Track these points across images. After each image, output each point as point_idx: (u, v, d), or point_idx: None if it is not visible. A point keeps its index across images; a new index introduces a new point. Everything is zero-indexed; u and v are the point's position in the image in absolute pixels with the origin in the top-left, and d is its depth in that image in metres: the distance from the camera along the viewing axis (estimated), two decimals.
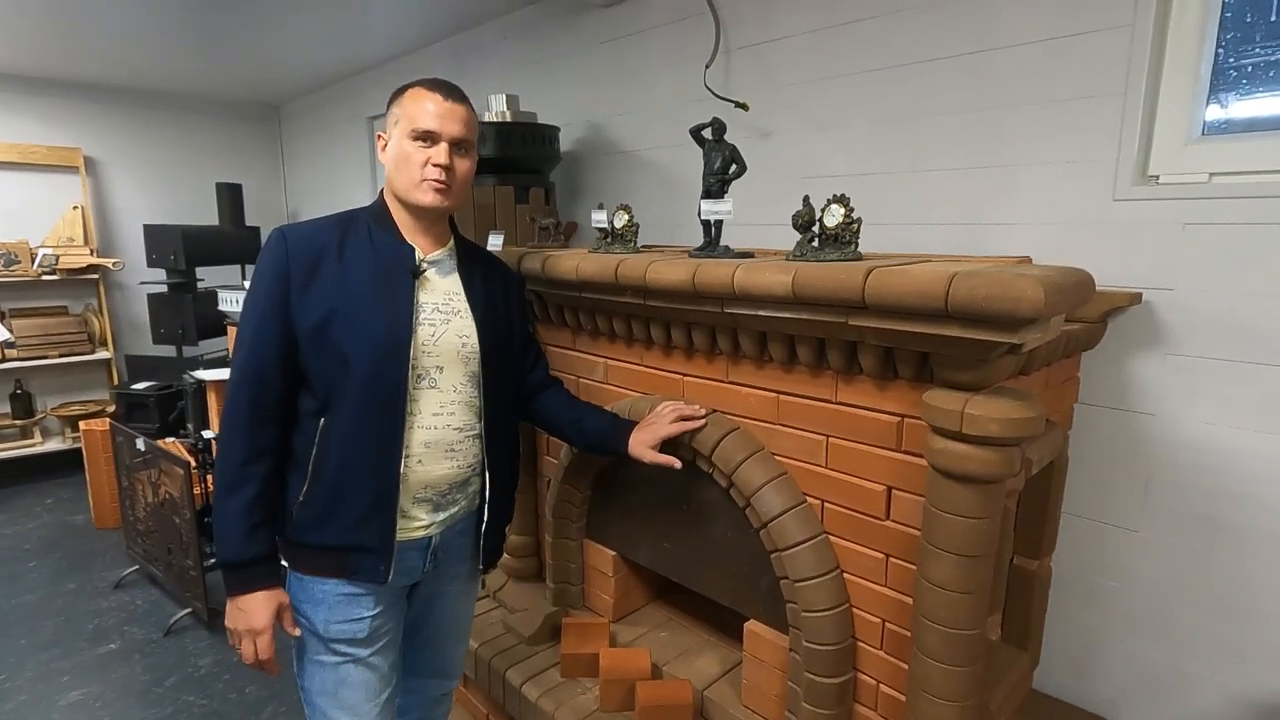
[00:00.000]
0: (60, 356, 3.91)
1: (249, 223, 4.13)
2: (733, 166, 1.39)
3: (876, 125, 1.76)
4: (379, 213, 1.21)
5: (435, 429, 1.20)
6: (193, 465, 2.48)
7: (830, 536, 1.29)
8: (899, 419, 1.16)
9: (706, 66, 2.04)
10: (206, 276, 3.87)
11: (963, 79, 1.60)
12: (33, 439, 3.99)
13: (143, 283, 3.87)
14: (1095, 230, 1.44)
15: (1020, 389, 1.05)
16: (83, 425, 3.36)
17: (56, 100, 4.03)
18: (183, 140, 4.50)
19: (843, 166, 1.84)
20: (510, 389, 1.36)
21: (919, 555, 1.12)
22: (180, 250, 3.57)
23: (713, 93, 2.01)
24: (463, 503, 1.28)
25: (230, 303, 3.01)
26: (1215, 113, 1.37)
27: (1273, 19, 1.30)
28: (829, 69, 1.83)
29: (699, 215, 1.43)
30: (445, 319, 1.21)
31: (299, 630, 1.21)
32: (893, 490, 1.19)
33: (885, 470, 1.19)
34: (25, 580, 2.88)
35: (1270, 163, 1.29)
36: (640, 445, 1.36)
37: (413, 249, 1.20)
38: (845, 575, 1.28)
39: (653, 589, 1.93)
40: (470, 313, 1.23)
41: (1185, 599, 1.42)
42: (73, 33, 3.02)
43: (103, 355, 4.07)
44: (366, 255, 1.16)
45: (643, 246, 1.77)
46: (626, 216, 1.59)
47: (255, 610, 1.15)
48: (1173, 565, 1.42)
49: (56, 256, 3.87)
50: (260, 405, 1.13)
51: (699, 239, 1.49)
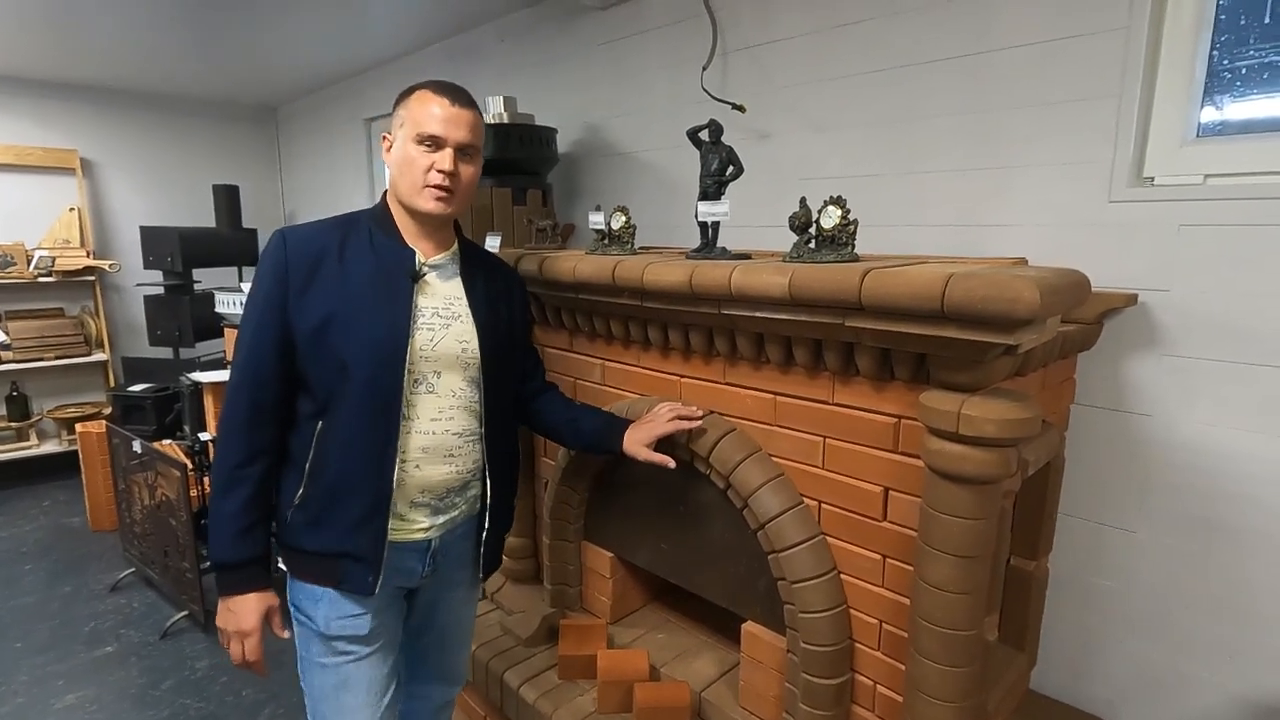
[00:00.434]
0: (56, 359, 3.90)
1: (246, 225, 4.12)
2: (730, 168, 1.39)
3: (874, 127, 1.77)
4: (380, 215, 1.20)
5: (433, 434, 1.19)
6: (189, 467, 2.48)
7: (827, 537, 1.29)
8: (896, 420, 1.16)
9: (703, 68, 2.05)
10: (203, 278, 3.86)
11: (959, 81, 1.60)
12: (29, 441, 3.98)
13: (139, 285, 3.87)
14: (1091, 232, 1.45)
15: (1017, 390, 1.06)
16: (79, 428, 3.35)
17: (53, 102, 4.02)
18: (179, 142, 4.50)
19: (840, 168, 1.84)
20: (510, 393, 1.35)
21: (916, 556, 1.12)
22: (177, 252, 3.56)
23: (710, 94, 2.02)
24: (463, 507, 1.27)
25: (227, 305, 3.01)
26: (1210, 115, 1.37)
27: (1267, 21, 1.30)
28: (826, 71, 1.84)
29: (696, 217, 1.43)
30: (445, 323, 1.20)
31: (288, 633, 1.21)
32: (890, 491, 1.19)
33: (882, 471, 1.20)
34: (21, 583, 2.87)
35: (1265, 164, 1.30)
36: (635, 444, 1.35)
37: (413, 252, 1.18)
38: (843, 576, 1.28)
39: (650, 591, 1.92)
40: (471, 317, 1.22)
41: (1183, 600, 1.42)
42: (69, 34, 3.02)
43: (99, 357, 4.06)
44: (367, 258, 1.15)
45: (640, 248, 1.77)
46: (624, 218, 1.59)
47: (245, 612, 1.15)
48: (1170, 566, 1.43)
49: (53, 258, 3.86)
50: (258, 407, 1.13)
51: (696, 241, 1.49)
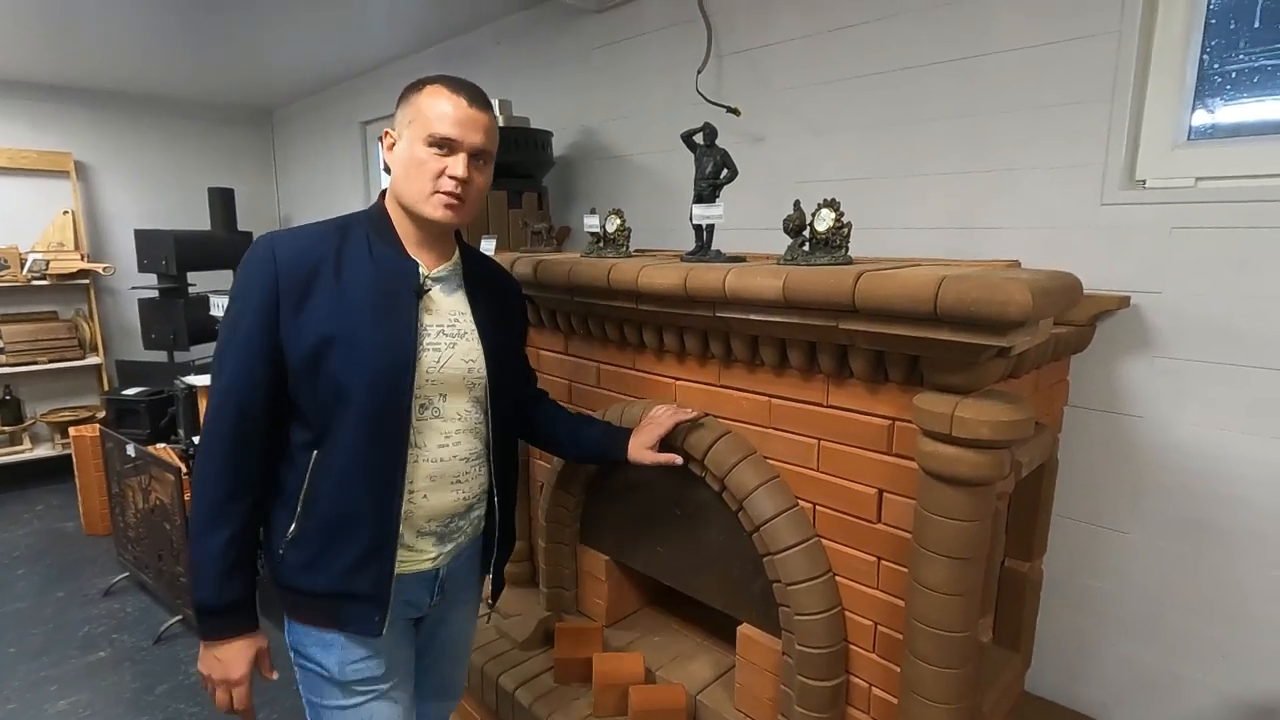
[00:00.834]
0: (50, 362, 3.88)
1: (241, 228, 4.11)
2: (724, 171, 1.40)
3: (869, 130, 1.77)
4: (379, 221, 1.10)
5: (440, 460, 1.11)
6: (184, 471, 2.47)
7: (822, 540, 1.29)
8: (890, 422, 1.16)
9: (698, 72, 2.05)
10: (198, 281, 3.85)
11: (954, 85, 1.61)
12: (22, 445, 3.96)
13: (134, 288, 3.85)
14: (1084, 234, 1.46)
15: (1010, 392, 1.06)
16: (73, 431, 3.34)
17: (47, 104, 4.01)
18: (174, 145, 4.49)
19: (836, 171, 1.85)
20: (513, 410, 1.28)
21: (910, 558, 1.12)
22: (172, 255, 3.55)
23: (705, 98, 2.02)
24: (467, 530, 1.21)
25: (222, 308, 3.00)
26: (1201, 118, 1.38)
27: (1256, 26, 1.31)
28: (821, 74, 1.84)
29: (691, 220, 1.44)
30: (451, 342, 1.11)
31: (276, 674, 1.11)
32: (884, 493, 1.20)
33: (877, 473, 1.20)
34: (14, 588, 2.86)
35: (1256, 167, 1.30)
36: (639, 449, 1.34)
37: (416, 265, 1.09)
38: (837, 578, 1.28)
39: (646, 594, 1.92)
40: (477, 334, 1.14)
41: (1175, 601, 1.43)
42: (63, 36, 3.01)
43: (93, 361, 4.04)
44: (365, 271, 1.05)
45: (636, 251, 1.78)
46: (619, 221, 1.60)
47: (232, 659, 1.05)
48: (1163, 568, 1.43)
49: (47, 262, 3.85)
50: (244, 439, 1.02)
51: (692, 243, 1.50)
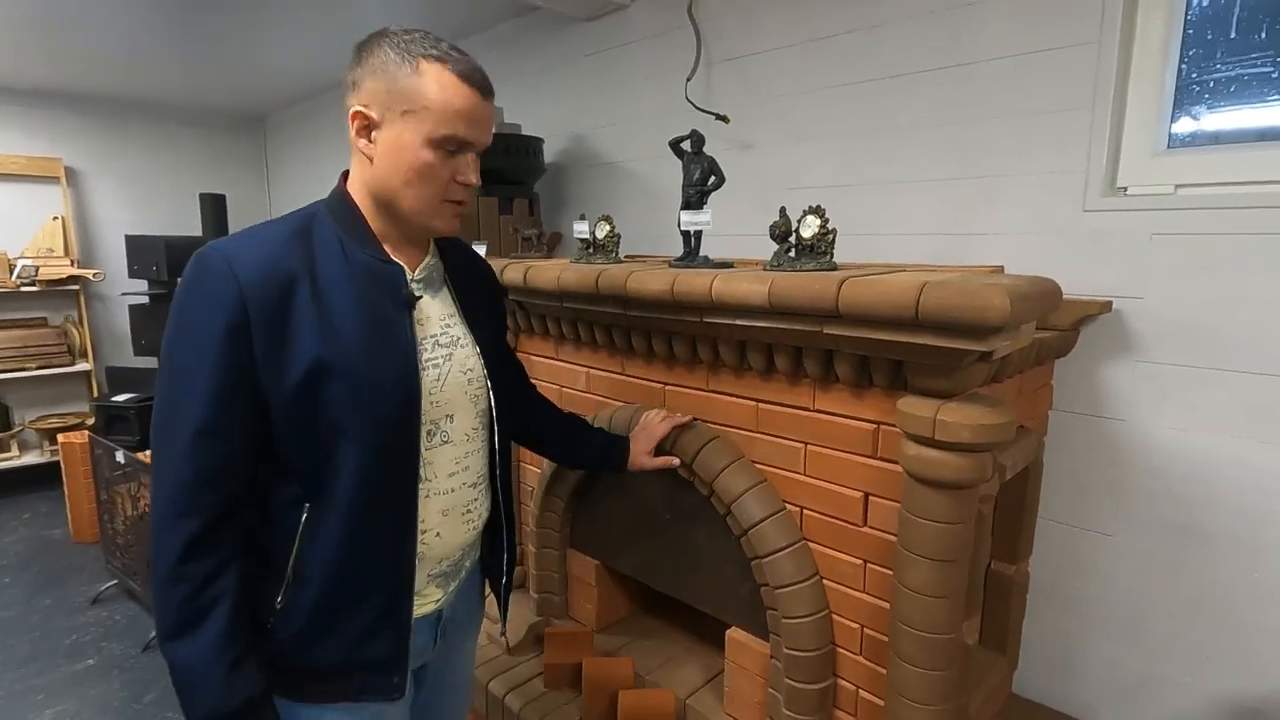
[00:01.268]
0: (39, 368, 3.86)
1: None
2: (711, 178, 1.41)
3: (856, 137, 1.79)
4: (349, 219, 0.91)
5: (452, 491, 0.98)
6: None
7: (809, 543, 1.30)
8: (875, 426, 1.18)
9: (688, 79, 2.07)
10: None
11: (939, 93, 1.63)
12: (10, 452, 3.93)
13: (124, 294, 3.84)
14: (1067, 240, 1.48)
15: (992, 396, 1.07)
16: (61, 438, 3.32)
17: (37, 110, 4.00)
18: (166, 151, 4.48)
19: (824, 178, 1.87)
20: (510, 416, 1.12)
21: (895, 560, 1.13)
22: (163, 261, 3.54)
23: (694, 105, 2.04)
24: (468, 563, 1.09)
25: None
26: (1180, 126, 1.41)
27: (1233, 36, 1.34)
28: (809, 82, 1.86)
29: (679, 226, 1.45)
30: (447, 354, 0.97)
31: None
32: (870, 496, 1.21)
33: (862, 477, 1.21)
34: (1, 596, 2.83)
35: (1233, 174, 1.33)
36: (640, 456, 1.36)
37: (402, 270, 0.93)
38: (824, 581, 1.29)
39: (637, 598, 1.93)
40: (470, 337, 1.01)
41: (1158, 603, 1.44)
42: (55, 42, 3.01)
43: (83, 367, 4.02)
44: (344, 283, 0.87)
45: (626, 256, 1.79)
46: (608, 227, 1.61)
47: None
48: (1146, 570, 1.45)
49: (36, 268, 3.83)
50: (225, 507, 0.82)
51: (681, 249, 1.51)
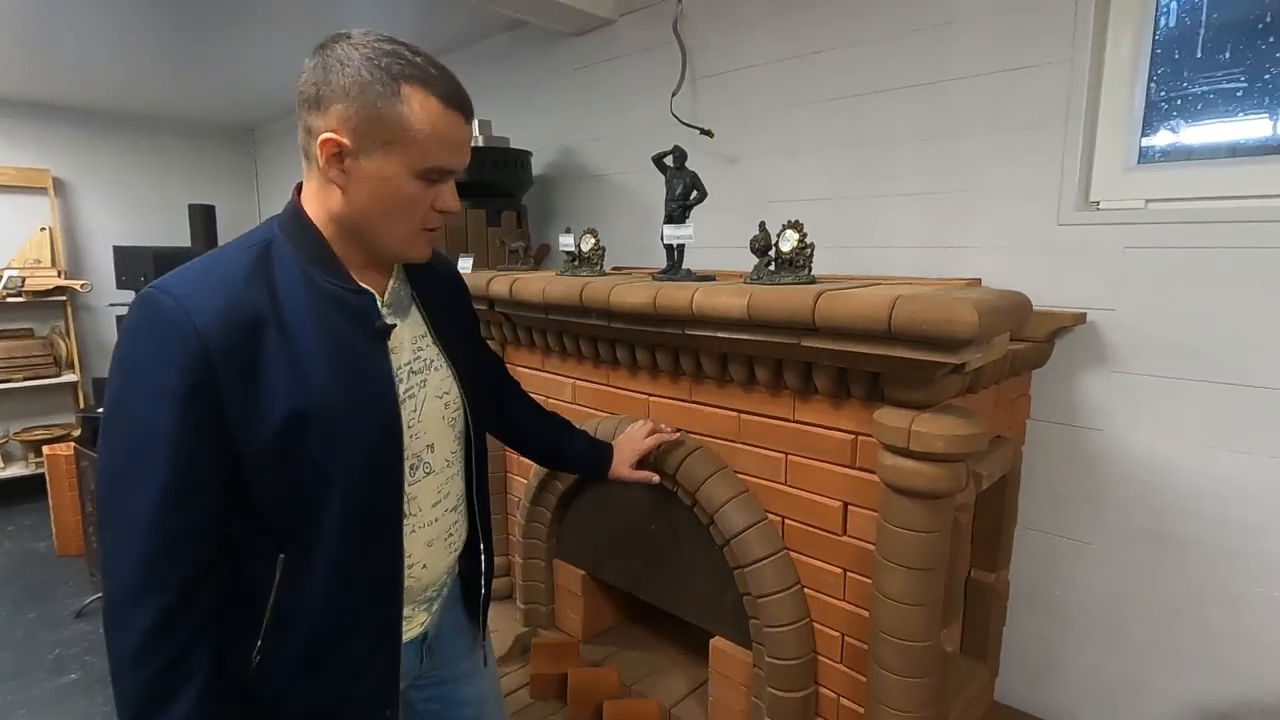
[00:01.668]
0: (25, 380, 3.83)
1: (222, 245, 4.11)
2: (693, 193, 1.44)
3: (839, 151, 1.82)
4: (310, 244, 0.82)
5: (436, 522, 0.95)
6: None
7: (791, 552, 1.32)
8: (853, 437, 1.20)
9: (673, 94, 2.10)
10: None
11: (918, 109, 1.66)
12: None
13: (111, 305, 3.83)
14: (1042, 253, 1.51)
15: (965, 407, 1.10)
16: (47, 450, 3.29)
17: (25, 121, 4.00)
18: (155, 162, 4.48)
19: (807, 191, 1.90)
20: (487, 422, 1.10)
21: (874, 569, 1.15)
22: (151, 272, 3.53)
23: (679, 120, 2.07)
24: (450, 580, 1.05)
25: None
26: (1150, 142, 1.44)
27: (1199, 56, 1.38)
28: (793, 97, 1.89)
29: (662, 240, 1.47)
30: (422, 380, 0.91)
31: None
32: (849, 506, 1.23)
33: (842, 487, 1.23)
34: None
35: (1201, 190, 1.36)
36: (621, 465, 1.34)
37: (372, 297, 0.86)
38: (806, 590, 1.30)
39: (623, 608, 1.94)
40: (444, 357, 0.95)
41: (1136, 610, 1.46)
42: (43, 53, 3.02)
43: (69, 378, 4.00)
44: (311, 316, 0.79)
45: (614, 268, 1.81)
46: (593, 240, 1.63)
47: None
48: (1123, 577, 1.47)
49: (22, 279, 3.81)
50: (187, 589, 0.74)
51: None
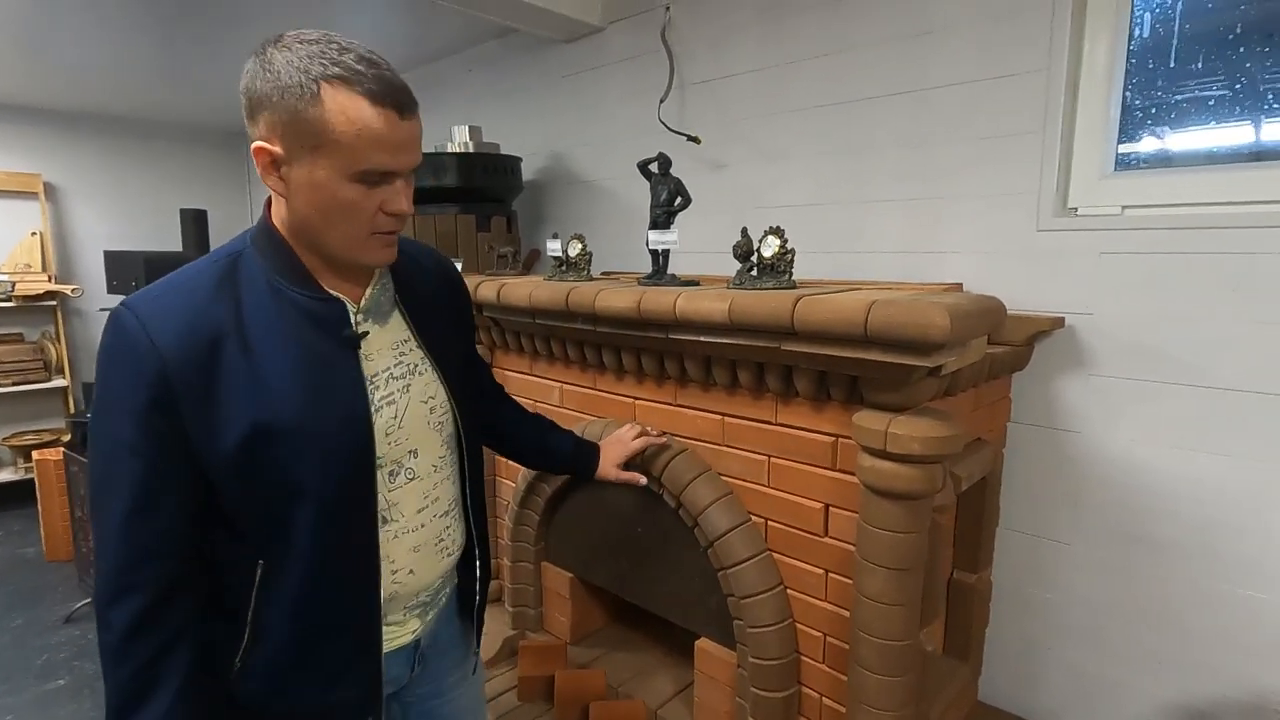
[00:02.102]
0: (14, 385, 3.82)
1: (214, 249, 4.11)
2: (678, 199, 1.45)
3: (824, 158, 1.85)
4: (278, 255, 0.82)
5: (422, 527, 0.93)
6: None
7: (774, 553, 1.33)
8: (834, 439, 1.22)
9: (661, 101, 2.12)
10: None
11: (901, 116, 1.69)
12: None
13: (102, 309, 3.82)
14: (1022, 258, 1.53)
15: (941, 409, 1.12)
16: (36, 455, 3.28)
17: (16, 126, 3.99)
18: (147, 166, 4.48)
19: (793, 197, 1.92)
20: (478, 423, 1.06)
21: (854, 569, 1.16)
22: (142, 277, 3.52)
23: (666, 126, 2.09)
24: (448, 590, 1.05)
25: None
26: (1126, 149, 1.47)
27: (1172, 65, 1.40)
28: (778, 104, 1.92)
29: (646, 245, 1.49)
30: (404, 386, 0.90)
31: None
32: (830, 508, 1.24)
33: (823, 488, 1.25)
34: None
35: (1175, 196, 1.39)
36: (608, 465, 1.35)
37: (342, 304, 0.85)
38: (788, 591, 1.32)
39: (611, 610, 1.95)
40: (429, 360, 0.94)
41: (1115, 611, 1.48)
42: (34, 58, 3.02)
43: (59, 383, 3.99)
44: (278, 329, 0.79)
45: (602, 273, 1.83)
46: (580, 245, 1.65)
47: None
48: (1101, 578, 1.49)
49: (13, 283, 3.81)
50: (162, 591, 0.77)
51: None
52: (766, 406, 1.30)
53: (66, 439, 3.82)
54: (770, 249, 1.23)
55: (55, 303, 4.00)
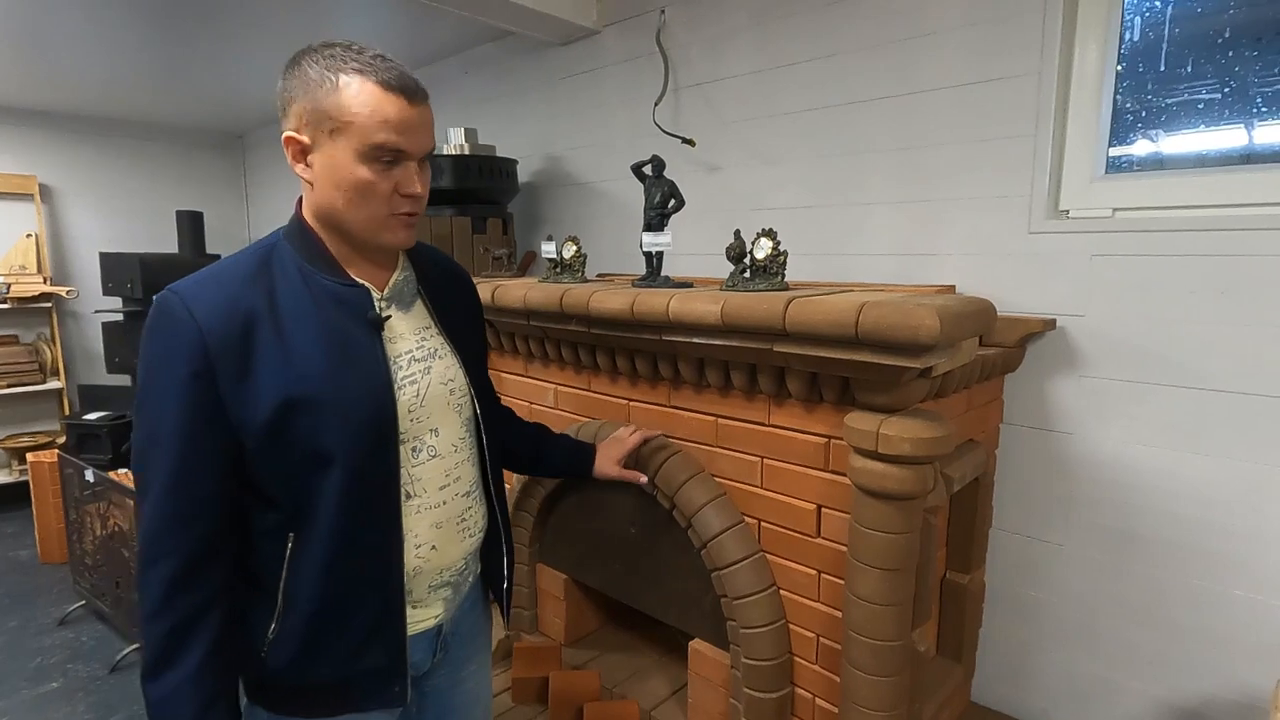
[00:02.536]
0: (9, 387, 3.81)
1: (210, 251, 4.10)
2: (671, 201, 1.46)
3: (818, 161, 1.85)
4: (307, 245, 0.90)
5: (444, 504, 0.97)
6: None
7: (767, 554, 1.33)
8: (826, 440, 1.22)
9: (656, 104, 2.13)
10: None
11: (894, 119, 1.70)
12: None
13: (98, 311, 3.82)
14: (1014, 261, 1.54)
15: (932, 410, 1.12)
16: (30, 457, 3.28)
17: (11, 127, 3.99)
18: (143, 168, 4.48)
19: (787, 199, 1.93)
20: (494, 415, 1.11)
21: (846, 570, 1.17)
22: (138, 278, 3.53)
23: (661, 129, 2.10)
24: (472, 576, 1.08)
25: None
26: (1116, 152, 1.48)
27: (1162, 69, 1.41)
28: (773, 107, 1.93)
29: (641, 248, 1.49)
30: (425, 367, 0.96)
31: None
32: (822, 509, 1.25)
33: (815, 489, 1.25)
34: None
35: (1165, 199, 1.40)
36: (607, 463, 1.37)
37: (367, 291, 0.92)
38: (781, 592, 1.32)
39: (605, 612, 1.95)
40: (450, 346, 1.01)
41: (1107, 610, 1.49)
42: (30, 59, 3.02)
43: (54, 385, 3.98)
44: (308, 312, 0.87)
45: (597, 275, 1.83)
46: (574, 247, 1.65)
47: None
48: (1094, 578, 1.50)
49: (8, 285, 3.80)
50: (202, 548, 0.84)
51: None
52: (759, 408, 1.31)
53: (61, 441, 3.82)
54: (763, 251, 1.24)
55: (50, 305, 4.00)
